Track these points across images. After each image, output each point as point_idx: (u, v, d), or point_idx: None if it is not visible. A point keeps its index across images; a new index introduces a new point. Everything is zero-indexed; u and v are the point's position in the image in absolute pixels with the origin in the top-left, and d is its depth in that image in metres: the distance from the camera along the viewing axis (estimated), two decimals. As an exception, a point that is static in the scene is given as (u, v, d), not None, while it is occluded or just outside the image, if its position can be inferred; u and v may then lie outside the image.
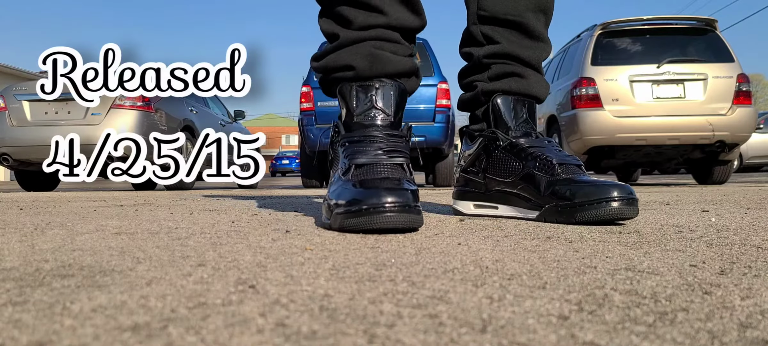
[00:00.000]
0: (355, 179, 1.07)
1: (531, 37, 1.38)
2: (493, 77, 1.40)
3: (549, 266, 0.66)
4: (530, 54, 1.38)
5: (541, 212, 1.22)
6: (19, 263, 0.70)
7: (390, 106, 1.21)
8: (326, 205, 1.11)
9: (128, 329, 0.40)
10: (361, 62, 1.21)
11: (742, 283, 0.57)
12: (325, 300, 0.49)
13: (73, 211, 1.76)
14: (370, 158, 1.10)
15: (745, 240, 0.90)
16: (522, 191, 1.28)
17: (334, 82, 1.27)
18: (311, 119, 5.92)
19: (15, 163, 5.42)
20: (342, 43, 1.23)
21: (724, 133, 5.00)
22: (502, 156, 1.34)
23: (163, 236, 0.98)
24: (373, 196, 0.97)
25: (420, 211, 1.03)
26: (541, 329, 0.41)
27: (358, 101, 1.20)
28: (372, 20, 1.22)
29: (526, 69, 1.39)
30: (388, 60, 1.22)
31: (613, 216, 1.13)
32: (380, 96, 1.20)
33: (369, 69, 1.21)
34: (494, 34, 1.39)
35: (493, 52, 1.39)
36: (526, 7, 1.36)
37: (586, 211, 1.13)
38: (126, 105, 5.27)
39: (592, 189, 1.15)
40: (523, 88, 1.38)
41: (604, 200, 1.12)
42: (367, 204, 0.97)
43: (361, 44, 1.22)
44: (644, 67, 5.15)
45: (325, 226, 1.12)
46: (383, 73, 1.22)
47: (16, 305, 0.47)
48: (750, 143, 11.22)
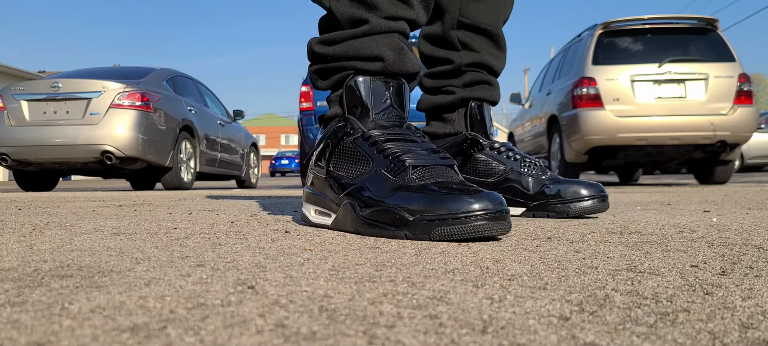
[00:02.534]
0: (421, 182, 0.97)
1: (500, 48, 1.51)
2: (468, 84, 1.49)
3: (550, 267, 0.66)
4: (499, 64, 1.50)
5: (528, 209, 1.38)
6: (18, 263, 0.70)
7: (404, 107, 1.13)
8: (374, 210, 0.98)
9: (127, 330, 0.40)
10: (391, 54, 1.09)
11: (743, 283, 0.57)
12: (325, 301, 0.49)
13: (71, 211, 1.76)
14: (421, 159, 1.01)
15: (747, 240, 0.90)
16: (504, 190, 1.41)
17: (345, 71, 1.13)
18: (311, 119, 5.92)
19: (13, 164, 5.42)
20: (371, 30, 1.09)
21: (726, 133, 5.00)
22: (484, 157, 1.44)
23: (161, 237, 0.98)
24: (465, 203, 0.88)
25: (509, 214, 0.94)
26: (542, 329, 0.40)
27: (376, 97, 1.10)
28: (401, 12, 1.10)
29: (494, 79, 1.51)
30: (410, 58, 1.13)
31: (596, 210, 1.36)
32: (396, 95, 1.12)
33: (397, 63, 1.10)
34: (472, 43, 1.47)
35: (472, 61, 1.48)
36: (501, 19, 1.49)
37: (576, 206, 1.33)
38: (125, 105, 5.27)
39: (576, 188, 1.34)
40: (493, 97, 1.50)
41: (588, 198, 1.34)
42: (463, 212, 0.88)
43: (390, 35, 1.10)
44: (645, 67, 5.14)
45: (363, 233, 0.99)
46: (408, 71, 1.13)
47: (14, 306, 0.47)
48: (751, 143, 11.23)
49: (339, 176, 1.08)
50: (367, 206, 0.99)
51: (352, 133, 1.08)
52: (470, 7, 1.45)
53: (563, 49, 6.33)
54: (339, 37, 1.12)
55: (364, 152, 1.05)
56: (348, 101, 1.11)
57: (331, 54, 1.12)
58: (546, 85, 6.49)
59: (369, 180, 1.02)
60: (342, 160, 1.09)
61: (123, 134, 5.19)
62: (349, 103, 1.11)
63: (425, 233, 0.90)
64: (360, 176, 1.04)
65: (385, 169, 1.00)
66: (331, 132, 1.12)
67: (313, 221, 1.15)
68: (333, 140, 1.11)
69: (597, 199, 1.34)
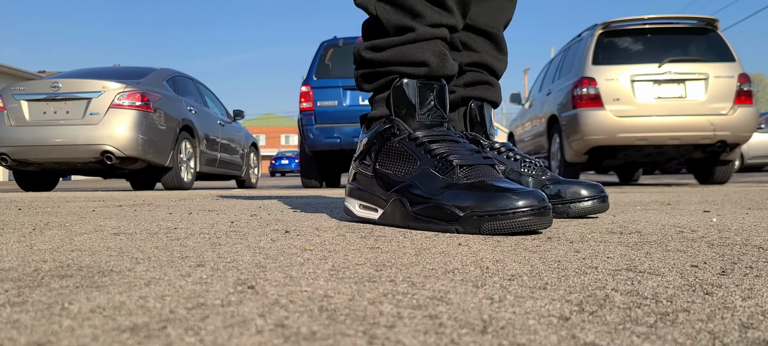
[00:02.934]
0: (468, 180, 1.05)
1: (501, 50, 1.50)
2: (469, 84, 1.48)
3: (550, 267, 0.66)
4: (499, 66, 1.50)
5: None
6: (18, 263, 0.70)
7: (445, 107, 1.21)
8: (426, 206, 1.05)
9: (127, 330, 0.40)
10: (434, 60, 1.17)
11: (743, 283, 0.57)
12: (325, 301, 0.49)
13: (71, 211, 1.76)
14: (466, 159, 1.08)
15: (747, 240, 0.90)
16: None
17: (392, 76, 1.20)
18: (311, 119, 5.92)
19: (13, 164, 5.42)
20: (417, 38, 1.17)
21: (726, 133, 4.99)
22: None
23: (161, 237, 0.98)
24: (513, 200, 0.97)
25: (551, 210, 1.03)
26: (542, 329, 0.40)
27: (422, 99, 1.17)
28: (444, 20, 1.18)
29: (494, 80, 1.50)
30: (450, 62, 1.21)
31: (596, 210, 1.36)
32: (439, 96, 1.19)
33: (440, 67, 1.19)
34: (472, 43, 1.46)
35: (473, 61, 1.47)
36: (502, 22, 1.48)
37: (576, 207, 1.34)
38: (125, 105, 5.26)
39: (576, 188, 1.35)
40: (493, 98, 1.49)
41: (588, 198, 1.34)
42: (511, 208, 0.96)
43: (433, 41, 1.18)
44: (645, 67, 5.14)
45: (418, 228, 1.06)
46: (450, 74, 1.21)
47: (14, 306, 0.47)
48: (751, 143, 11.23)
49: (386, 174, 1.16)
50: (417, 203, 1.08)
51: (398, 134, 1.16)
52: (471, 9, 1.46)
53: (563, 49, 6.33)
54: (386, 44, 1.20)
55: (411, 152, 1.14)
56: (395, 102, 1.19)
57: (378, 59, 1.20)
58: (546, 85, 6.49)
59: (418, 178, 1.10)
60: (389, 159, 1.17)
61: (123, 134, 5.19)
62: (396, 105, 1.19)
63: (476, 227, 0.98)
64: (408, 174, 1.12)
65: (433, 169, 1.09)
66: (378, 132, 1.20)
67: (358, 215, 1.23)
68: (379, 140, 1.19)
69: (597, 199, 1.34)
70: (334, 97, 5.93)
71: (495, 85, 1.50)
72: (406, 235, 0.98)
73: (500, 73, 1.51)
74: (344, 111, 5.89)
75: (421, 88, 1.18)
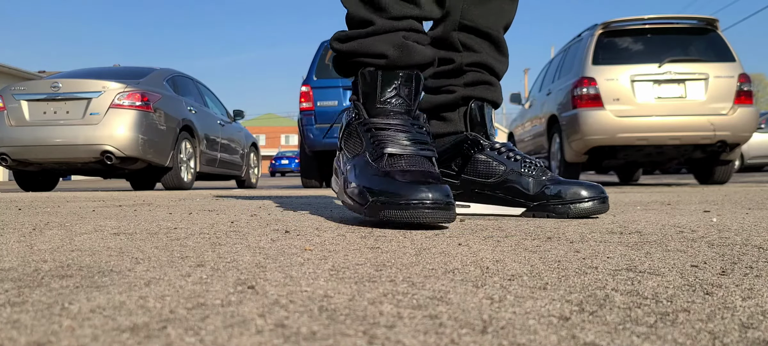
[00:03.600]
0: (389, 168, 1.11)
1: (502, 52, 1.52)
2: (470, 83, 1.49)
3: (550, 267, 0.66)
4: (500, 67, 1.51)
5: (528, 209, 1.37)
6: (18, 263, 0.70)
7: (411, 96, 1.24)
8: (353, 189, 1.15)
9: (127, 330, 0.40)
10: (393, 52, 1.22)
11: (743, 283, 0.57)
12: (325, 301, 0.49)
13: (71, 211, 1.76)
14: (400, 148, 1.15)
15: (747, 240, 0.90)
16: (505, 191, 1.40)
17: (357, 65, 1.27)
18: (311, 119, 5.92)
19: (13, 164, 5.42)
20: (376, 30, 1.23)
21: (726, 133, 4.99)
22: (484, 158, 1.44)
23: (161, 237, 0.98)
24: (416, 191, 1.03)
25: (455, 206, 1.08)
26: (542, 329, 0.40)
27: (383, 88, 1.22)
28: (407, 11, 1.23)
29: (495, 80, 1.51)
30: (416, 51, 1.24)
31: (597, 211, 1.35)
32: (404, 85, 1.23)
33: (400, 59, 1.22)
34: (473, 44, 1.48)
35: (473, 61, 1.48)
36: (502, 24, 1.49)
37: (577, 207, 1.33)
38: (125, 105, 5.26)
39: (577, 189, 1.34)
40: (494, 97, 1.50)
41: (588, 199, 1.34)
42: (414, 198, 1.02)
43: (393, 33, 1.23)
44: (645, 67, 5.14)
45: (347, 206, 1.18)
46: (411, 64, 1.24)
47: (14, 306, 0.47)
48: (751, 143, 11.23)
49: (345, 153, 1.26)
50: (349, 184, 1.17)
51: (356, 118, 1.24)
52: (472, 10, 1.47)
53: (563, 49, 6.33)
54: (351, 36, 1.27)
55: (360, 136, 1.21)
56: (361, 89, 1.26)
57: (343, 50, 1.28)
58: (546, 85, 6.49)
59: (357, 161, 1.18)
60: (349, 140, 1.26)
61: (123, 134, 5.19)
62: (362, 90, 1.25)
63: (377, 213, 1.05)
64: (356, 156, 1.20)
65: (368, 154, 1.16)
66: (346, 113, 1.30)
67: (333, 187, 1.34)
68: (346, 120, 1.28)
69: (597, 200, 1.34)
70: (334, 97, 5.93)
71: (496, 86, 1.51)
72: (406, 235, 0.98)
73: (501, 74, 1.52)
74: None
75: (384, 77, 1.22)
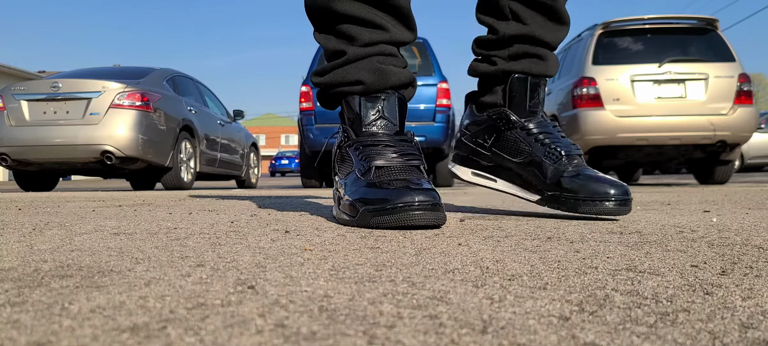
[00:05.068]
0: (376, 179, 1.14)
1: (557, 20, 1.40)
2: (514, 56, 1.40)
3: (550, 267, 0.66)
4: (553, 37, 1.40)
5: (543, 198, 1.32)
6: (18, 263, 0.70)
7: (395, 116, 1.29)
8: (345, 203, 1.19)
9: (127, 330, 0.40)
10: (369, 77, 1.27)
11: (743, 283, 0.57)
12: (325, 301, 0.49)
13: (71, 211, 1.76)
14: (388, 161, 1.18)
15: (747, 240, 0.90)
16: (528, 173, 1.35)
17: (339, 96, 1.33)
18: (311, 119, 5.92)
19: (13, 164, 5.42)
20: (349, 60, 1.28)
21: (726, 133, 5.00)
22: (512, 136, 1.39)
23: (161, 237, 0.98)
24: (403, 195, 1.06)
25: (444, 209, 1.11)
26: (542, 329, 0.40)
27: (367, 112, 1.27)
28: (376, 37, 1.28)
29: (547, 51, 1.41)
30: (392, 73, 1.28)
31: (610, 213, 1.25)
32: (387, 107, 1.28)
33: (377, 83, 1.27)
34: (523, 14, 1.38)
35: (519, 33, 1.39)
36: None
37: (588, 206, 1.24)
38: (125, 105, 5.26)
39: (595, 186, 1.25)
40: (542, 70, 1.40)
41: (604, 199, 1.24)
42: (400, 202, 1.05)
43: (367, 60, 1.28)
44: (645, 67, 5.14)
45: (342, 222, 1.21)
46: (388, 86, 1.28)
47: (14, 306, 0.47)
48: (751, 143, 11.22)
49: (339, 175, 1.30)
50: (342, 199, 1.21)
51: (345, 142, 1.29)
52: None
53: (563, 49, 6.33)
54: (327, 69, 1.33)
55: (350, 156, 1.26)
56: (347, 115, 1.31)
57: (323, 82, 1.34)
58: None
59: (348, 179, 1.23)
60: (341, 163, 1.31)
61: (123, 134, 5.19)
62: (348, 117, 1.31)
63: (366, 221, 1.09)
64: (347, 176, 1.25)
65: (357, 171, 1.20)
66: (337, 139, 1.35)
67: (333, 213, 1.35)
68: (338, 145, 1.34)
69: (616, 202, 1.23)
70: None
71: (546, 58, 1.40)
72: (406, 235, 0.98)
73: (554, 44, 1.41)
74: None
75: (365, 102, 1.27)
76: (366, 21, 1.27)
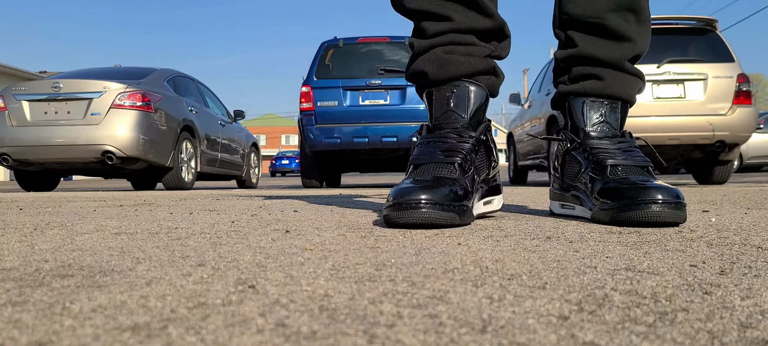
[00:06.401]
0: (411, 178, 1.17)
1: (612, 37, 1.35)
2: (573, 79, 1.40)
3: (549, 266, 0.66)
4: (609, 53, 1.35)
5: (593, 212, 1.22)
6: (19, 263, 0.70)
7: (465, 108, 1.28)
8: None
9: (128, 329, 0.40)
10: (430, 68, 1.30)
11: (742, 283, 0.57)
12: (325, 300, 0.49)
13: (72, 211, 1.76)
14: (427, 158, 1.21)
15: (746, 240, 0.90)
16: (582, 192, 1.29)
17: (418, 89, 1.37)
18: (311, 119, 5.92)
19: (15, 164, 5.42)
20: (416, 53, 1.33)
21: (724, 133, 5.00)
22: (571, 158, 1.36)
23: (162, 236, 0.98)
24: (411, 192, 1.07)
25: (457, 209, 1.09)
26: (541, 329, 0.41)
27: (436, 104, 1.30)
28: (440, 27, 1.29)
29: (605, 69, 1.36)
30: (459, 62, 1.28)
31: (653, 219, 1.09)
32: (455, 98, 1.28)
33: (439, 73, 1.29)
34: (574, 36, 1.39)
35: (568, 56, 1.39)
36: (607, 7, 1.34)
37: (626, 212, 1.11)
38: (126, 105, 5.27)
39: (634, 191, 1.13)
40: (600, 89, 1.36)
41: (644, 202, 1.10)
42: (406, 200, 1.06)
43: (432, 51, 1.30)
44: (644, 67, 5.13)
45: None
46: (455, 75, 1.28)
47: (15, 305, 0.47)
48: (750, 143, 11.22)
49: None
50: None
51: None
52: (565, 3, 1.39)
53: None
54: (408, 64, 1.38)
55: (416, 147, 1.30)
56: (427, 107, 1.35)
57: (407, 78, 1.39)
58: (545, 85, 6.49)
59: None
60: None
61: (124, 134, 5.19)
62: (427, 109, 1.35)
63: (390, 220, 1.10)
64: None
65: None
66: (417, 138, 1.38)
67: None
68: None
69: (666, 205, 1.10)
70: (334, 98, 5.93)
71: (604, 76, 1.35)
72: (406, 235, 0.98)
73: (615, 61, 1.35)
74: (344, 111, 5.90)
75: (435, 95, 1.31)
76: (431, 14, 1.29)
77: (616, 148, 1.29)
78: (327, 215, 1.46)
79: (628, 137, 1.35)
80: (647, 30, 1.38)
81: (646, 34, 1.38)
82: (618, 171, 1.23)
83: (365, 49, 6.18)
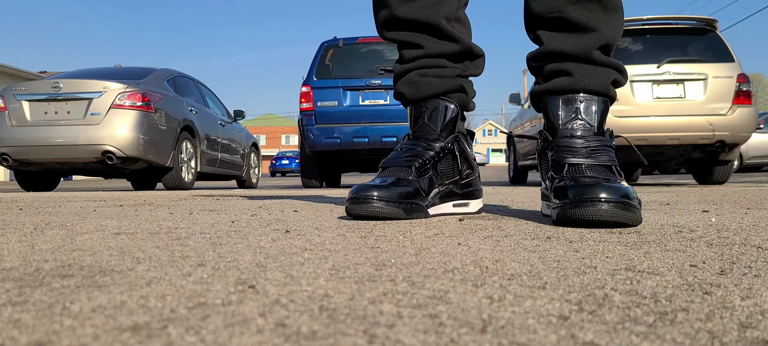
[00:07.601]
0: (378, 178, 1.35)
1: (575, 29, 1.32)
2: (545, 77, 1.38)
3: (549, 266, 0.66)
4: (573, 46, 1.32)
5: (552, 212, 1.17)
6: (19, 263, 0.70)
7: (436, 122, 1.44)
8: None
9: (128, 330, 0.40)
10: (407, 89, 1.47)
11: (742, 283, 0.57)
12: (325, 300, 0.49)
13: (72, 211, 1.76)
14: (393, 162, 1.39)
15: (745, 240, 0.90)
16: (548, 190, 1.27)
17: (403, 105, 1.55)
18: (311, 119, 5.93)
19: (15, 164, 5.42)
20: (396, 76, 1.51)
21: (724, 133, 5.00)
22: (544, 157, 1.33)
23: (162, 236, 0.98)
24: (367, 189, 1.28)
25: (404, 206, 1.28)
26: (541, 329, 0.41)
27: (413, 119, 1.47)
28: (414, 54, 1.46)
29: (572, 64, 1.33)
30: (431, 83, 1.44)
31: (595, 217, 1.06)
32: (428, 113, 1.44)
33: (414, 93, 1.46)
34: (541, 35, 1.37)
35: (537, 54, 1.38)
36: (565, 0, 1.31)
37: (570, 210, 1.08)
38: (126, 105, 5.27)
39: (578, 190, 1.09)
40: (569, 85, 1.32)
41: (589, 201, 1.06)
42: (361, 195, 1.27)
43: (408, 75, 1.47)
44: (644, 67, 5.14)
45: None
46: (427, 95, 1.44)
47: (15, 305, 0.47)
48: (750, 143, 11.22)
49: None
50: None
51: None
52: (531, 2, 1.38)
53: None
54: (393, 84, 1.55)
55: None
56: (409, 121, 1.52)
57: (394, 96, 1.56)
58: (546, 85, 6.49)
59: None
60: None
61: (124, 134, 5.19)
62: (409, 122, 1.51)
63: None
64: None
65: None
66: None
67: None
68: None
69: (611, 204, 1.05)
70: (334, 98, 5.94)
71: (573, 71, 1.32)
72: (406, 234, 0.98)
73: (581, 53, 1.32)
74: (344, 111, 5.90)
75: (409, 111, 1.49)
76: (405, 43, 1.47)
77: (584, 147, 1.24)
78: (327, 215, 1.46)
79: (606, 136, 1.30)
80: (616, 17, 1.34)
81: (615, 22, 1.34)
82: (574, 170, 1.19)
83: (365, 49, 6.19)
